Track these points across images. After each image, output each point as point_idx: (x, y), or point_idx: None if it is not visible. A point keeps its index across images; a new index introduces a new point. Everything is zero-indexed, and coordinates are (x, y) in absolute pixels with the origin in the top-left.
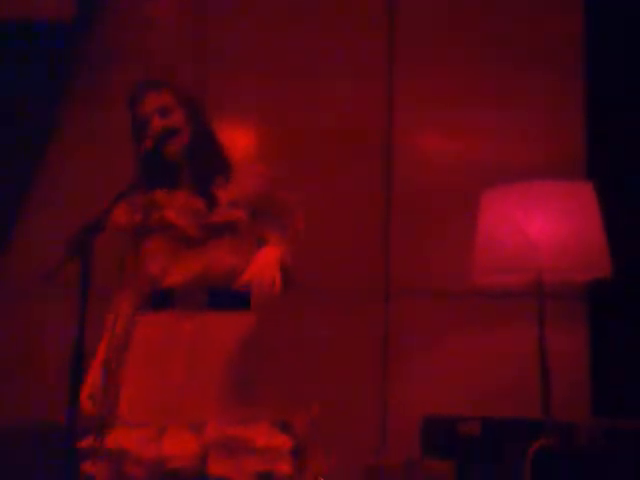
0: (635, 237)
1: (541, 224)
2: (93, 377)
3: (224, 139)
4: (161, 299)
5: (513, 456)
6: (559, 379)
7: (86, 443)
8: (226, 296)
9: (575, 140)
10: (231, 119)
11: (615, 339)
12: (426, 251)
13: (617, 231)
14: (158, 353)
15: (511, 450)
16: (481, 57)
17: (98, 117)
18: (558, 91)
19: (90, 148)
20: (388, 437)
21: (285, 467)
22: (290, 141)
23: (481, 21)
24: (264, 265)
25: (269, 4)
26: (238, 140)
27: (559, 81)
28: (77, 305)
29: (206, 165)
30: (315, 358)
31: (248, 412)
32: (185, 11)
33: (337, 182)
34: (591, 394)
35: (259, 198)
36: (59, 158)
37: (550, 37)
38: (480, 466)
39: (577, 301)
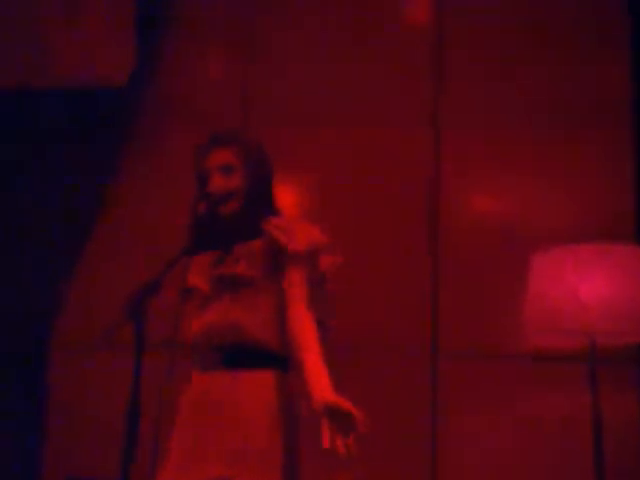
0: None
1: (592, 286)
2: None
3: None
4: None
5: None
6: (612, 446)
7: None
8: (241, 354)
9: (625, 202)
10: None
11: None
12: (475, 313)
13: None
14: (182, 411)
15: None
16: (530, 120)
17: (154, 172)
18: (608, 152)
19: (147, 206)
20: None
21: None
22: (335, 197)
23: (529, 81)
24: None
25: (315, 53)
26: (282, 195)
27: (609, 143)
28: (132, 364)
29: (256, 225)
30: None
31: (223, 472)
32: (233, 61)
33: (384, 242)
34: None
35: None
36: (116, 217)
37: (600, 100)
38: None
39: (630, 365)
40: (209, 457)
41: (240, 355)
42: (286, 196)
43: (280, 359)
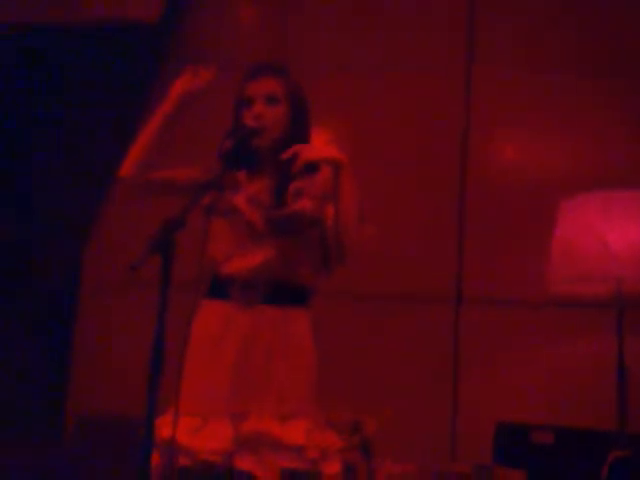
0: None
1: (621, 233)
2: None
3: None
4: (220, 287)
5: (586, 468)
6: (636, 391)
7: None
8: (284, 292)
9: None
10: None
11: None
12: (501, 258)
13: None
14: (212, 344)
15: (584, 462)
16: (562, 63)
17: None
18: (635, 102)
19: (170, 147)
20: (458, 443)
21: (331, 467)
22: (365, 139)
23: (562, 28)
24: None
25: (350, 6)
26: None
27: (635, 93)
28: (158, 299)
29: (290, 161)
30: (385, 363)
31: (291, 408)
32: (265, 7)
33: (410, 183)
34: None
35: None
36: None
37: (626, 50)
38: (552, 476)
39: None
40: (263, 392)
41: (288, 292)
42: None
43: (312, 294)
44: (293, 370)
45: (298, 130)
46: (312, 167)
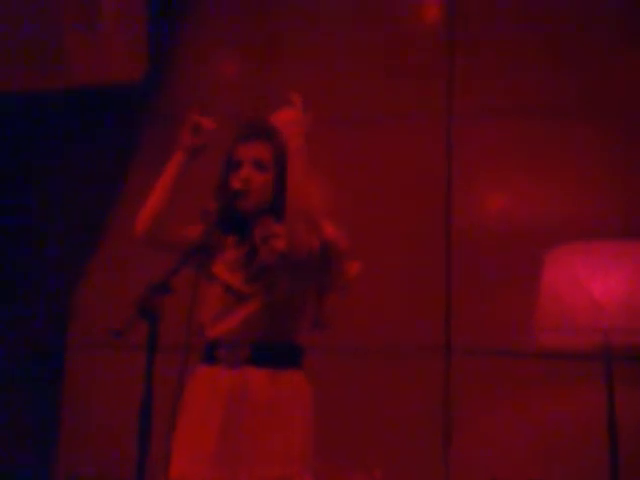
0: None
1: (606, 284)
2: None
3: None
4: (208, 351)
5: None
6: (627, 444)
7: None
8: (270, 352)
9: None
10: None
11: None
12: (488, 309)
13: None
14: (201, 408)
15: None
16: (542, 110)
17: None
18: (622, 146)
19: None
20: None
21: None
22: (348, 195)
23: (539, 69)
24: None
25: (330, 51)
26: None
27: (623, 134)
28: (145, 362)
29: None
30: (374, 419)
31: (282, 471)
32: (249, 61)
33: (396, 239)
34: None
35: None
36: (131, 215)
37: (620, 94)
38: None
39: None
40: (251, 455)
41: (273, 352)
42: None
43: (302, 353)
44: (282, 432)
45: (282, 197)
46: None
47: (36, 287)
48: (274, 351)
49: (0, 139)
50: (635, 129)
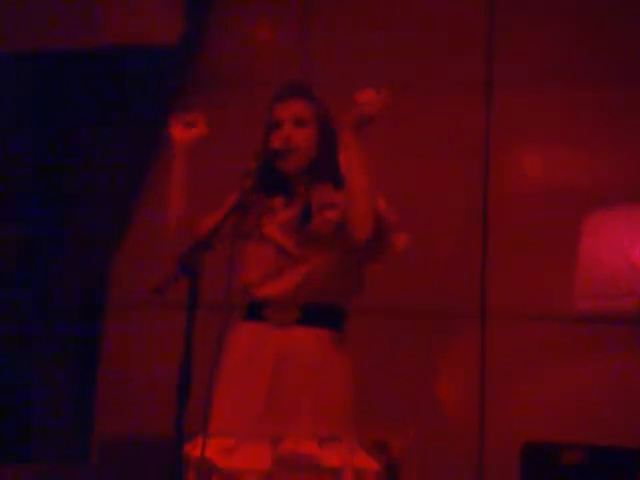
0: None
1: None
2: None
3: None
4: (254, 309)
5: None
6: None
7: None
8: (318, 313)
9: None
10: None
11: None
12: (524, 274)
13: None
14: (246, 364)
15: None
16: (583, 74)
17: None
18: None
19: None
20: (485, 463)
21: None
22: (387, 162)
23: (584, 37)
24: None
25: (369, 18)
26: None
27: None
28: (185, 319)
29: (320, 180)
30: (411, 381)
31: (328, 430)
32: (284, 26)
33: (433, 207)
34: None
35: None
36: (163, 174)
37: None
38: None
39: None
40: (299, 413)
41: (322, 313)
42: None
43: (345, 316)
44: (328, 392)
45: (326, 153)
46: (337, 181)
47: (76, 251)
48: (322, 313)
49: (35, 101)
50: None
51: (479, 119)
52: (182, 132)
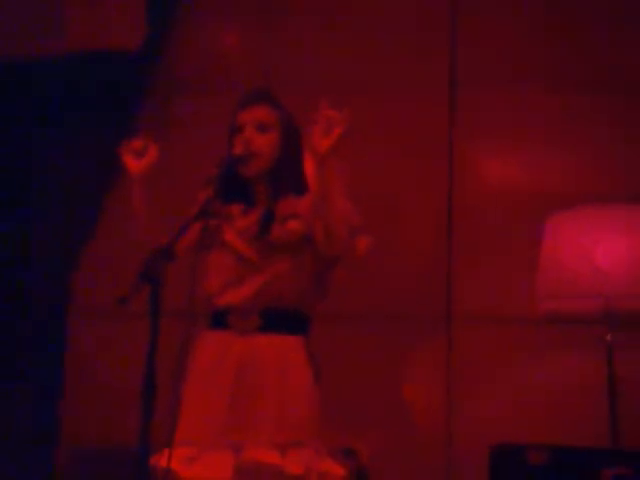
0: None
1: (608, 248)
2: None
3: None
4: (217, 317)
5: None
6: (628, 407)
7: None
8: (280, 319)
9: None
10: None
11: None
12: (489, 276)
13: None
14: (210, 373)
15: None
16: (544, 83)
17: (161, 144)
18: (622, 119)
19: (161, 174)
20: (453, 466)
21: None
22: (350, 165)
23: (545, 46)
24: None
25: (331, 21)
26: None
27: (622, 110)
28: (149, 327)
29: (283, 186)
30: (378, 386)
31: (291, 437)
32: (248, 29)
33: (397, 205)
34: None
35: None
36: (125, 184)
37: (616, 67)
38: None
39: None
40: (260, 420)
41: (284, 319)
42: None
43: (309, 321)
44: (291, 398)
45: (289, 158)
46: (300, 188)
47: (38, 259)
48: (284, 319)
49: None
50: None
51: (443, 119)
52: (134, 162)
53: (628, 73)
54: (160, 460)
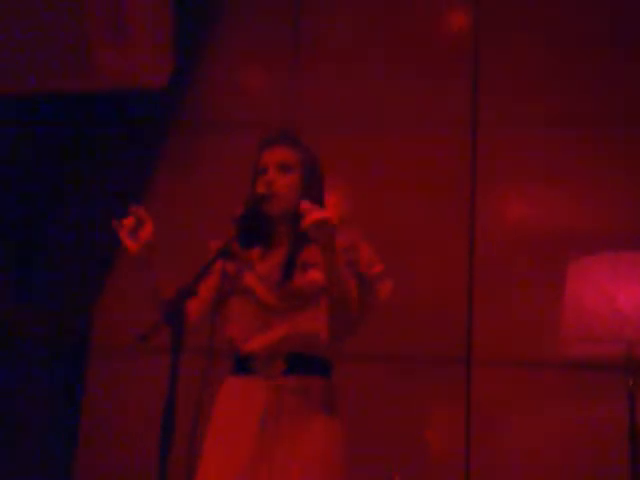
0: None
1: (630, 294)
2: None
3: None
4: (242, 362)
5: None
6: None
7: None
8: (305, 362)
9: None
10: None
11: None
12: (510, 319)
13: None
14: (234, 418)
15: None
16: (562, 120)
17: (186, 182)
18: None
19: (175, 214)
20: None
21: None
22: (371, 203)
23: (561, 80)
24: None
25: (351, 63)
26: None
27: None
28: (169, 366)
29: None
30: (397, 427)
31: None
32: (272, 70)
33: (419, 251)
34: None
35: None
36: (155, 217)
37: (630, 99)
38: None
39: None
40: (289, 463)
41: (308, 363)
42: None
43: (332, 366)
44: (319, 441)
45: (311, 199)
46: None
47: (57, 293)
48: (308, 363)
49: (30, 141)
50: None
51: (466, 158)
52: (131, 242)
53: None
54: None
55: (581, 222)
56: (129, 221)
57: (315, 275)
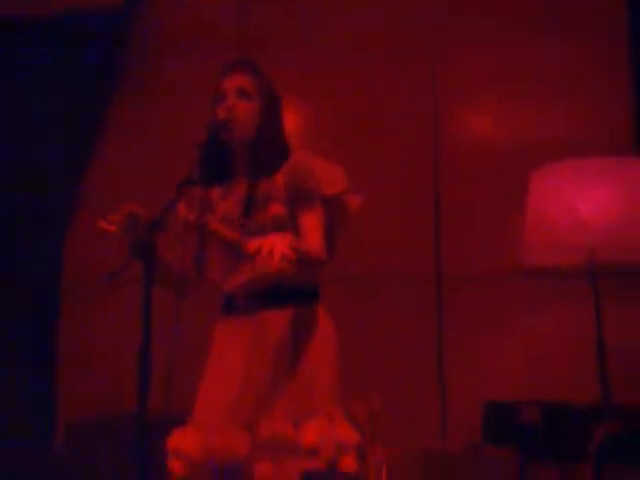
0: None
1: (593, 202)
2: None
3: None
4: (226, 302)
5: (576, 443)
6: (615, 360)
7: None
8: (284, 293)
9: (622, 114)
10: None
11: None
12: (477, 234)
13: None
14: (223, 356)
15: (573, 437)
16: (521, 29)
17: (147, 104)
18: (603, 68)
19: (139, 139)
20: (447, 423)
21: (348, 463)
22: (334, 126)
23: None
24: (274, 240)
25: None
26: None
27: (604, 59)
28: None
29: (265, 159)
30: (371, 347)
31: (304, 408)
32: None
33: (385, 171)
34: None
35: (295, 174)
36: (108, 150)
37: (595, 5)
38: (541, 453)
39: (632, 277)
40: (276, 392)
41: (288, 294)
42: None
43: (316, 292)
44: (303, 368)
45: (270, 127)
46: (283, 155)
47: (30, 226)
48: (288, 293)
49: None
50: (616, 42)
51: (426, 81)
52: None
53: (607, 14)
54: (173, 440)
55: (543, 135)
56: (112, 218)
57: (277, 209)
